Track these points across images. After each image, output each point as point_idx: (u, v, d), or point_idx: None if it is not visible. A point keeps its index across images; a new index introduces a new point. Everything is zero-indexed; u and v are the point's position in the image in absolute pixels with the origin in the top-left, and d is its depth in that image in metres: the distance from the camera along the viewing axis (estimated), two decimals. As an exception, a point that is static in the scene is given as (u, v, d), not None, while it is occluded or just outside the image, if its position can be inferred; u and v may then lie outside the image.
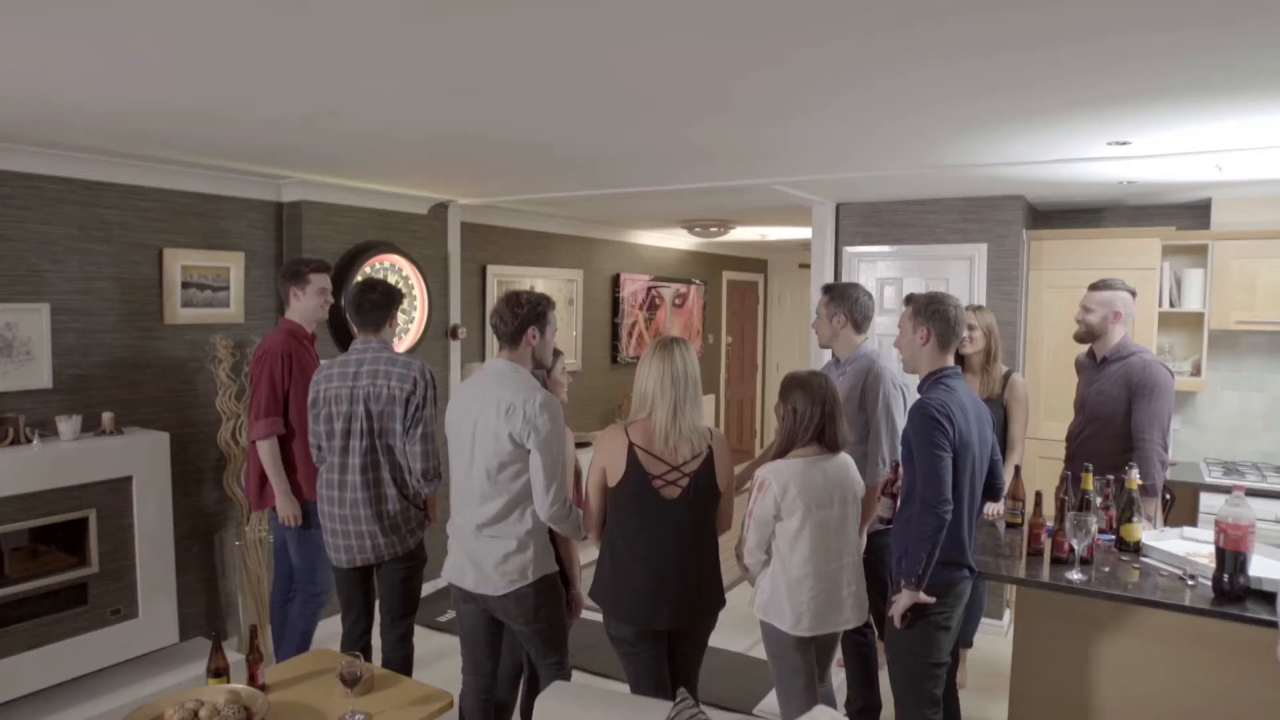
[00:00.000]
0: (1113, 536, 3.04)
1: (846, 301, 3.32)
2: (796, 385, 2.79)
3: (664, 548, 2.63)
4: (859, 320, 3.32)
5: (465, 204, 5.31)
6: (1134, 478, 2.97)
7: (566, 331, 6.73)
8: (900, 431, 3.28)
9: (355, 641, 3.33)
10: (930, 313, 2.66)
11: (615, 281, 7.15)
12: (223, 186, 4.25)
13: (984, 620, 4.25)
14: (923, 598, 2.54)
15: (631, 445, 2.62)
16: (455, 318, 5.35)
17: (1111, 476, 3.15)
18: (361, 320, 3.20)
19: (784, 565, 2.72)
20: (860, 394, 3.21)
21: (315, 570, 3.55)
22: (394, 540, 3.14)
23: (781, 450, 2.78)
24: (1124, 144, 3.10)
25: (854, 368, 3.28)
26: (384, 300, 3.23)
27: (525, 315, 2.85)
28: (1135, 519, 2.94)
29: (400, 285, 4.93)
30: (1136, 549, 2.95)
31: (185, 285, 4.13)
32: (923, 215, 4.81)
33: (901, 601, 2.58)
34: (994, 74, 2.26)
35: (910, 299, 2.74)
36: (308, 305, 3.62)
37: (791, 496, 2.67)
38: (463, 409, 2.81)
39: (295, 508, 3.48)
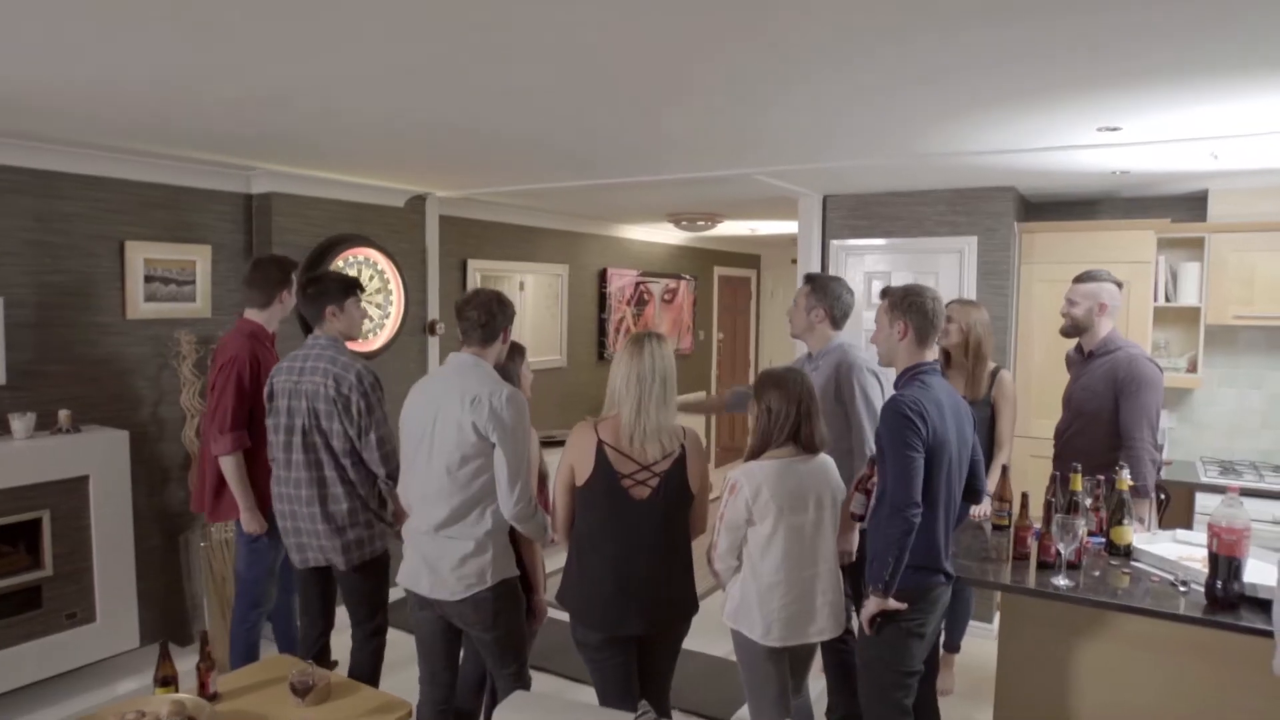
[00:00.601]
0: (1103, 539, 2.91)
1: (828, 296, 3.20)
2: (771, 383, 2.67)
3: (633, 550, 2.52)
4: (838, 317, 3.21)
5: (444, 197, 5.19)
6: (1125, 478, 2.85)
7: (552, 327, 6.61)
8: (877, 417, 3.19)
9: (312, 645, 3.23)
10: (907, 306, 2.53)
11: (602, 276, 7.02)
12: (189, 178, 4.13)
13: (973, 623, 4.13)
14: (892, 604, 2.42)
15: (601, 443, 2.50)
16: (434, 313, 5.23)
17: (1102, 477, 3.02)
18: (310, 314, 3.13)
19: (755, 571, 2.59)
20: (835, 386, 3.09)
21: (258, 581, 3.44)
22: (344, 542, 3.02)
23: (755, 451, 2.66)
24: (1115, 130, 2.97)
25: (827, 361, 3.16)
26: (335, 289, 3.12)
27: (508, 317, 2.76)
28: (1126, 521, 2.81)
29: (375, 279, 4.81)
30: (1127, 553, 2.82)
31: (148, 279, 4.00)
32: (911, 207, 4.68)
33: (869, 607, 2.46)
34: (975, 53, 2.14)
35: (886, 292, 2.62)
36: (287, 306, 3.52)
37: (764, 500, 2.55)
38: (422, 403, 2.69)
39: (262, 522, 3.35)
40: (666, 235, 7.71)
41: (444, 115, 2.96)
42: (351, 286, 3.15)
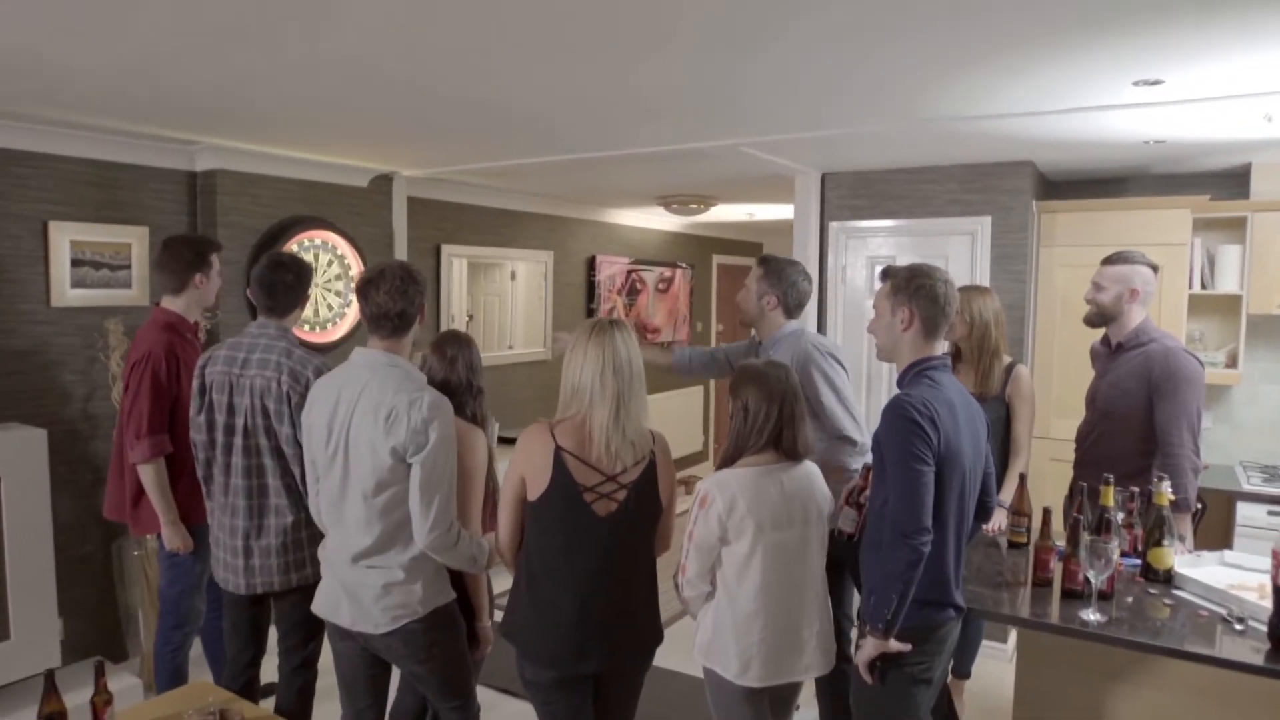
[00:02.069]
0: (1138, 562, 2.51)
1: (782, 282, 2.85)
2: (749, 378, 2.29)
3: (595, 574, 2.14)
4: (791, 305, 2.89)
5: (411, 176, 4.80)
6: (1165, 491, 2.44)
7: (536, 317, 6.22)
8: (849, 401, 2.80)
9: (239, 673, 2.86)
10: (914, 290, 2.12)
11: (591, 264, 6.63)
12: (124, 153, 3.76)
13: (985, 643, 3.73)
14: (894, 646, 2.02)
15: (559, 450, 2.11)
16: (402, 302, 4.84)
17: (1136, 489, 2.61)
18: (272, 303, 2.70)
19: (730, 599, 2.21)
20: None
21: (181, 599, 3.07)
22: (284, 561, 2.64)
23: (729, 457, 2.27)
24: (1154, 84, 2.55)
25: (779, 351, 2.82)
26: (297, 282, 2.74)
27: (423, 294, 2.36)
28: (1166, 542, 2.41)
29: (335, 265, 4.44)
30: (1168, 579, 2.42)
31: (77, 263, 3.64)
32: (918, 185, 4.27)
33: (866, 650, 2.06)
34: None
35: (888, 273, 2.21)
36: (208, 293, 3.13)
37: (740, 515, 2.16)
38: (328, 411, 2.29)
39: (186, 538, 2.98)
40: (660, 221, 7.31)
41: (392, 72, 2.58)
42: (311, 276, 2.83)
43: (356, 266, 4.53)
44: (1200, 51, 2.24)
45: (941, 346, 2.18)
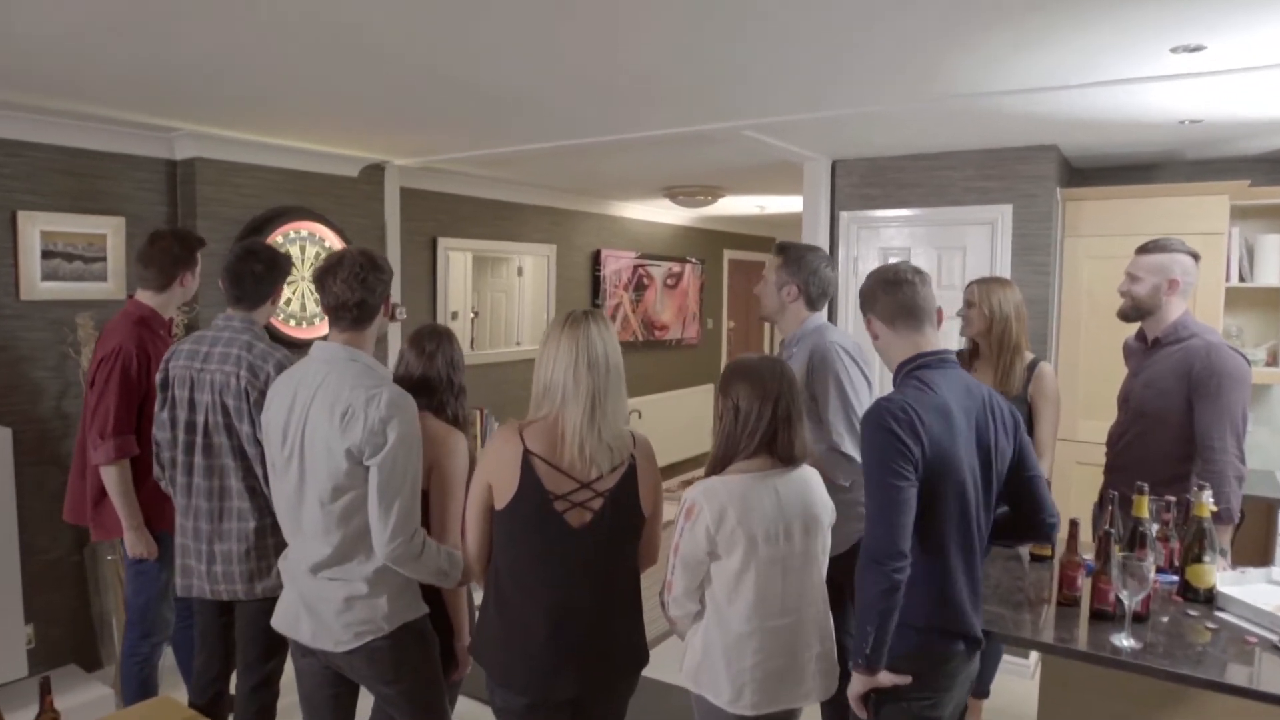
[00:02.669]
0: (1174, 578, 2.27)
1: (803, 270, 2.62)
2: (741, 374, 2.07)
3: (570, 590, 1.94)
4: (814, 295, 2.63)
5: (404, 166, 4.62)
6: (1206, 501, 2.20)
7: (537, 314, 6.03)
8: (856, 414, 2.57)
9: (205, 688, 2.69)
10: (881, 286, 1.98)
11: (595, 258, 6.43)
12: (99, 140, 3.60)
13: (1005, 658, 3.49)
14: (886, 679, 1.81)
15: (528, 454, 1.91)
16: (394, 295, 4.67)
17: (1172, 498, 2.38)
18: (239, 294, 2.53)
19: (720, 620, 2.00)
20: (808, 377, 2.51)
21: (148, 608, 2.91)
22: (246, 569, 2.47)
23: (718, 463, 2.06)
24: (1195, 50, 2.30)
25: (801, 347, 2.58)
26: (268, 274, 2.56)
27: (388, 283, 2.17)
28: (1208, 558, 2.17)
29: (322, 257, 4.25)
30: (1209, 599, 2.18)
31: (48, 255, 3.48)
32: (934, 172, 4.03)
33: (854, 686, 1.85)
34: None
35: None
36: (191, 289, 2.98)
37: (730, 527, 1.95)
38: (285, 407, 2.11)
39: (150, 543, 2.82)
40: (668, 214, 7.10)
41: (371, 41, 2.40)
42: (288, 267, 2.66)
43: (346, 259, 4.35)
44: (1250, 9, 2.00)
45: (937, 340, 1.96)
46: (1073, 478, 3.65)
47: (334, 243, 4.29)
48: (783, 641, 1.99)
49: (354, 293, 2.08)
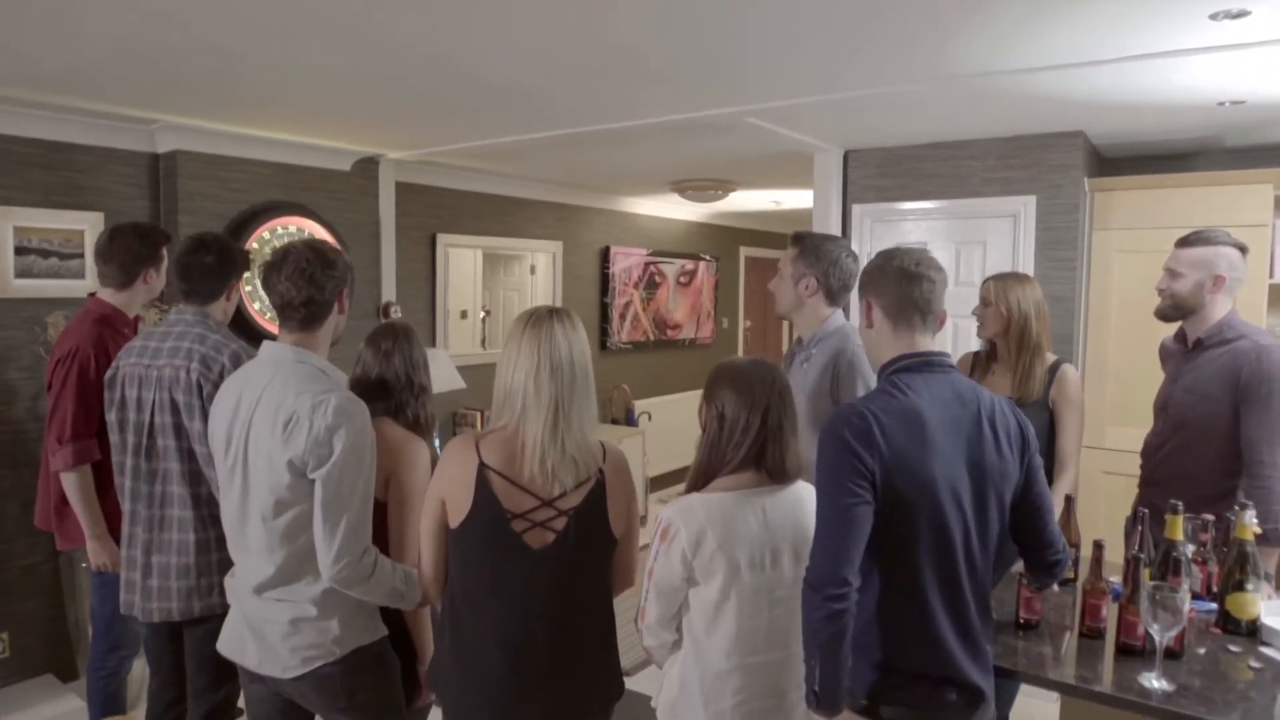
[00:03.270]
0: (1213, 607, 2.04)
1: (822, 261, 2.38)
2: (727, 379, 1.86)
3: (529, 617, 1.76)
4: (835, 289, 2.38)
5: (401, 160, 4.47)
6: (1248, 521, 1.97)
7: (543, 313, 5.85)
8: None
9: (161, 715, 2.53)
10: (878, 275, 1.74)
11: (604, 255, 6.24)
12: (76, 133, 3.48)
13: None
14: None
15: (483, 468, 1.72)
16: (389, 294, 4.52)
17: (1211, 516, 2.14)
18: (188, 288, 2.37)
19: (698, 653, 1.80)
20: (833, 384, 2.27)
21: (114, 620, 2.75)
22: (186, 586, 2.30)
23: (700, 477, 1.86)
24: (1239, 15, 2.06)
25: (823, 349, 2.34)
26: (218, 266, 2.39)
27: (340, 278, 1.99)
28: (1250, 586, 1.93)
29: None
30: (1252, 631, 1.94)
31: (22, 251, 3.36)
32: (953, 161, 3.80)
33: None
34: None
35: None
36: (156, 287, 2.83)
37: (709, 551, 1.75)
38: (230, 412, 1.94)
39: (114, 551, 2.67)
40: (680, 210, 6.90)
41: (347, 24, 2.24)
42: (244, 263, 2.51)
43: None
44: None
45: (931, 343, 1.73)
46: (1100, 489, 3.40)
47: (325, 239, 4.14)
48: (768, 680, 1.79)
49: (300, 291, 1.90)
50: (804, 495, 1.88)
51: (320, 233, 4.12)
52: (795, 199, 6.04)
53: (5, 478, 3.33)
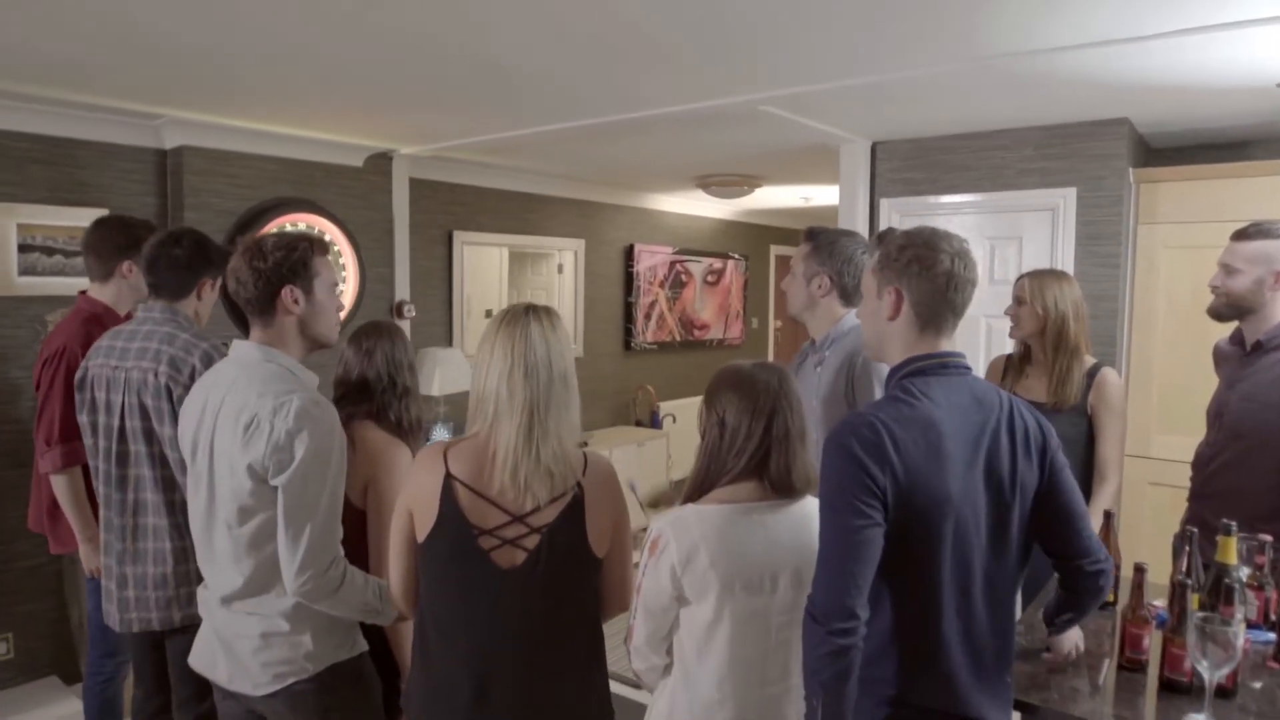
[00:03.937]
0: (1270, 637, 1.83)
1: (835, 258, 2.21)
2: (729, 383, 1.71)
3: (494, 644, 1.61)
4: (849, 288, 2.21)
5: (414, 155, 4.37)
6: (1311, 544, 1.76)
7: (563, 311, 5.74)
8: None
9: (146, 723, 2.44)
10: (906, 262, 1.52)
11: (629, 254, 6.10)
12: (81, 129, 3.44)
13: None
14: None
15: (449, 479, 1.59)
16: (402, 293, 4.43)
17: (1269, 536, 1.93)
18: (154, 281, 2.27)
19: (688, 680, 1.64)
20: (847, 387, 2.11)
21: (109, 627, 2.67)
22: (164, 595, 2.20)
23: (697, 488, 1.70)
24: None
25: (836, 351, 2.17)
26: (187, 261, 2.29)
27: (274, 270, 1.82)
28: (1314, 617, 1.72)
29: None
30: (1315, 667, 1.73)
31: (27, 248, 3.32)
32: (986, 153, 3.59)
33: None
34: None
35: (883, 237, 1.61)
36: (140, 282, 2.75)
37: (700, 568, 1.59)
38: (195, 420, 1.84)
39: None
40: (707, 208, 6.74)
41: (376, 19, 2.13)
42: (221, 260, 2.39)
43: (349, 255, 4.12)
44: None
45: (949, 342, 1.55)
46: (1145, 500, 3.17)
47: (335, 237, 4.06)
48: (764, 715, 1.62)
49: (246, 284, 1.80)
50: (811, 513, 1.70)
51: (331, 230, 4.04)
52: (825, 195, 5.86)
53: (9, 477, 3.29)
